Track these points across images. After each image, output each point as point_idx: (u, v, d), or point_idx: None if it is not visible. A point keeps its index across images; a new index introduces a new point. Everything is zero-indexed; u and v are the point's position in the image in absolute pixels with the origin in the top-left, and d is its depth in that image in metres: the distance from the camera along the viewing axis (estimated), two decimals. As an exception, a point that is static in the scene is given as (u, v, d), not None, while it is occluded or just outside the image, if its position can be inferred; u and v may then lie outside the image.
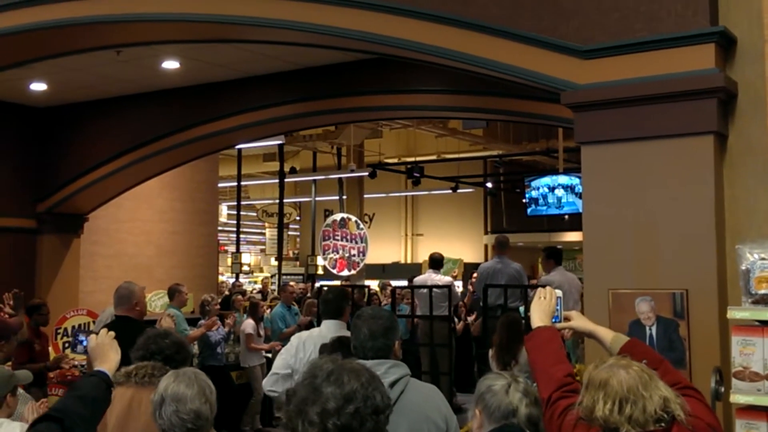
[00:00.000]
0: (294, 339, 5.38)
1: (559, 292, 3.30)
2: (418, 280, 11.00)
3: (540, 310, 3.23)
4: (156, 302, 12.01)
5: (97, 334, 3.43)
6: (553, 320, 3.23)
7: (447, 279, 10.77)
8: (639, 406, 2.44)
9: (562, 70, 4.80)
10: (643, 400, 2.45)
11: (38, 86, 10.69)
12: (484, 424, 3.10)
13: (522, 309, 8.90)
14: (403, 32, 5.44)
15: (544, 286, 3.44)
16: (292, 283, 13.73)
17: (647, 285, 4.41)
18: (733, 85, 4.43)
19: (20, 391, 4.08)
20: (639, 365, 2.55)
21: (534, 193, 15.90)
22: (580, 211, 15.42)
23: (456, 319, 11.33)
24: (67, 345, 10.09)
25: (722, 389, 3.69)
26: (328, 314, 5.35)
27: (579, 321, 3.34)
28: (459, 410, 8.95)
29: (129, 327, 5.99)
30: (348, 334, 5.05)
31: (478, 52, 5.14)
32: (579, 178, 15.22)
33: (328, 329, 5.20)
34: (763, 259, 3.53)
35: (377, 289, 15.52)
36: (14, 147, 11.67)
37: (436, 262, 10.81)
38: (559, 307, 3.27)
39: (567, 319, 3.32)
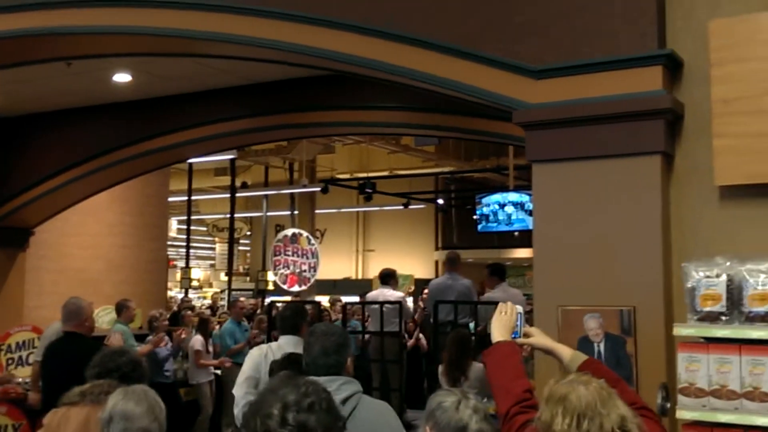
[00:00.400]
0: (255, 350, 5.39)
1: (519, 308, 3.34)
2: (371, 295, 11.00)
3: (500, 326, 3.27)
4: (104, 317, 11.82)
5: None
6: (513, 336, 3.26)
7: (399, 294, 10.79)
8: (596, 422, 2.44)
9: (514, 89, 4.86)
10: (600, 417, 2.45)
11: (-15, 97, 10.51)
12: (435, 440, 3.11)
13: (472, 325, 8.94)
14: (357, 49, 5.47)
15: (492, 303, 3.49)
16: (242, 299, 13.59)
17: (596, 302, 4.47)
18: (680, 107, 4.54)
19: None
20: (599, 382, 2.57)
21: (485, 210, 16.04)
22: (530, 227, 15.57)
23: (406, 335, 11.35)
24: (11, 362, 9.88)
25: (668, 405, 3.76)
26: (285, 330, 5.35)
27: (539, 338, 3.37)
28: (409, 427, 8.93)
29: (78, 343, 5.94)
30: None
31: (432, 71, 5.18)
32: (529, 195, 15.43)
33: (287, 343, 5.20)
34: (708, 276, 3.61)
35: (327, 304, 15.48)
36: (-41, 159, 11.43)
37: (387, 277, 10.81)
38: (519, 323, 3.30)
39: (527, 335, 3.35)
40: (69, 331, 6.16)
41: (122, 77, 9.59)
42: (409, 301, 11.00)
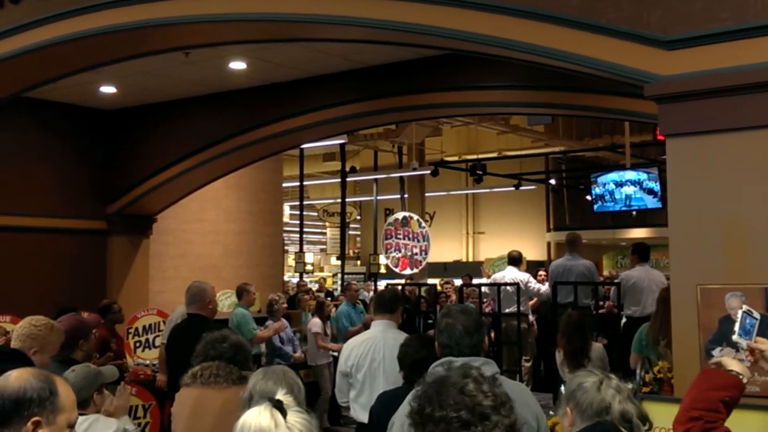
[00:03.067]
0: (344, 347, 5.49)
1: (757, 314, 3.13)
2: (496, 276, 10.95)
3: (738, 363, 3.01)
4: (224, 302, 12.12)
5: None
6: (745, 338, 3.05)
7: (523, 276, 10.61)
8: None
9: (644, 61, 4.67)
10: None
11: (108, 89, 10.87)
12: (576, 422, 3.02)
13: (592, 304, 8.79)
14: (478, 26, 5.35)
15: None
16: (354, 282, 13.72)
17: (738, 280, 4.28)
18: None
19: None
20: None
21: (599, 190, 15.63)
22: (649, 206, 15.10)
23: (530, 316, 11.13)
24: (138, 344, 10.23)
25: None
26: (382, 310, 5.33)
27: None
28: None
29: (202, 325, 6.04)
30: (399, 333, 5.07)
31: (555, 45, 5.03)
32: (647, 173, 14.96)
33: (377, 330, 5.23)
34: None
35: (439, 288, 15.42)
36: (85, 150, 11.88)
37: (513, 260, 10.70)
38: (754, 326, 3.10)
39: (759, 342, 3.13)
40: (193, 314, 6.24)
41: (238, 65, 9.75)
42: (535, 283, 10.76)
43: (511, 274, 10.49)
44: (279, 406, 2.32)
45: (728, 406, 2.83)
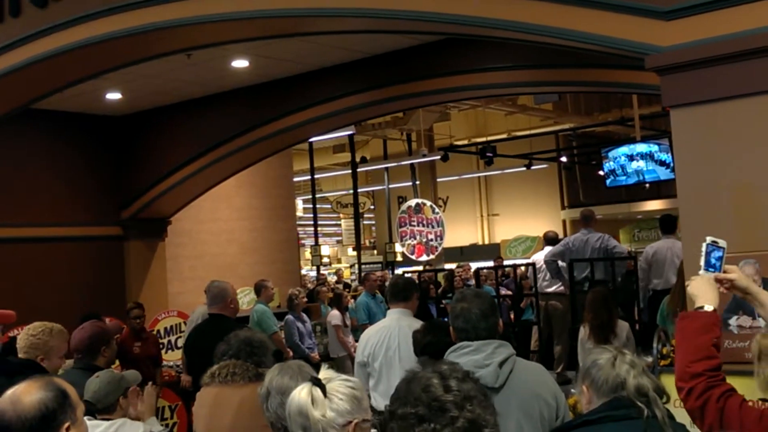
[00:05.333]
0: (361, 338, 5.54)
1: (723, 242, 3.02)
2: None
3: (708, 287, 2.93)
4: (243, 299, 12.18)
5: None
6: (711, 270, 2.97)
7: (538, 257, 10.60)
8: None
9: (644, 33, 4.65)
10: None
11: (113, 96, 10.93)
12: (592, 399, 3.03)
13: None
14: (474, 9, 5.34)
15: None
16: (374, 273, 13.75)
17: (751, 247, 4.26)
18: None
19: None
20: None
21: (611, 164, 15.58)
22: (662, 178, 15.00)
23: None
24: (161, 346, 10.30)
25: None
26: (397, 298, 5.36)
27: (740, 276, 2.99)
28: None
29: (224, 325, 6.06)
30: (413, 321, 5.09)
31: (553, 23, 5.01)
32: (658, 144, 14.88)
33: (391, 319, 5.27)
34: None
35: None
36: (95, 157, 11.96)
37: (550, 240, 10.69)
38: (721, 257, 2.99)
39: (726, 272, 3.00)
40: (214, 314, 6.27)
41: (240, 63, 9.78)
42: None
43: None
44: (318, 383, 2.40)
45: (717, 348, 2.81)
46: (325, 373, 2.48)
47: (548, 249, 10.47)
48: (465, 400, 2.01)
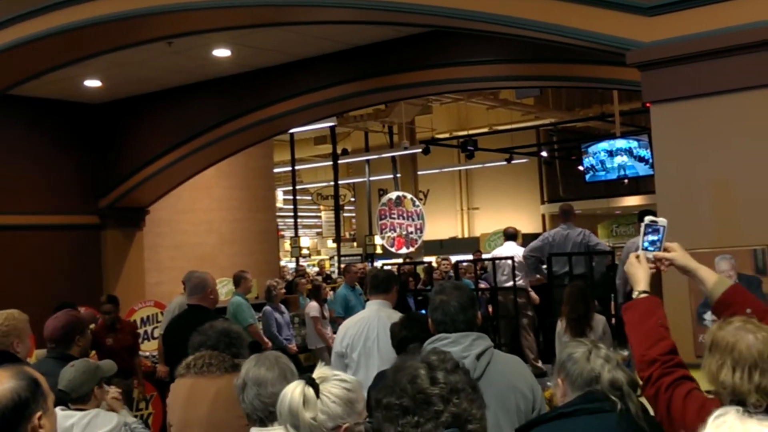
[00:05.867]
0: (339, 328, 5.52)
1: (663, 221, 3.02)
2: (495, 252, 11.08)
3: (642, 274, 2.96)
4: (221, 290, 12.11)
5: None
6: (651, 249, 2.99)
7: (519, 251, 10.65)
8: None
9: (626, 29, 4.67)
10: None
11: (92, 83, 10.82)
12: (567, 392, 3.03)
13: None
14: (456, 2, 5.34)
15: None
16: (354, 264, 13.73)
17: (726, 243, 4.29)
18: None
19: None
20: (767, 330, 2.34)
21: (591, 160, 15.63)
22: (641, 174, 15.06)
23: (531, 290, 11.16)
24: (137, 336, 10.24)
25: None
26: (377, 290, 5.36)
27: (680, 255, 3.00)
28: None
29: (203, 316, 6.01)
30: (392, 312, 5.09)
31: (536, 17, 5.02)
32: (637, 140, 14.94)
33: (371, 310, 5.28)
34: None
35: (435, 265, 15.47)
36: (73, 145, 11.85)
37: (510, 236, 10.93)
38: (660, 237, 3.00)
39: (667, 250, 3.01)
40: (193, 305, 6.21)
41: (222, 52, 9.71)
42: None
43: (509, 249, 10.54)
44: (311, 382, 2.33)
45: (666, 328, 2.81)
46: (320, 372, 2.41)
47: (508, 244, 10.57)
48: (452, 393, 1.98)
